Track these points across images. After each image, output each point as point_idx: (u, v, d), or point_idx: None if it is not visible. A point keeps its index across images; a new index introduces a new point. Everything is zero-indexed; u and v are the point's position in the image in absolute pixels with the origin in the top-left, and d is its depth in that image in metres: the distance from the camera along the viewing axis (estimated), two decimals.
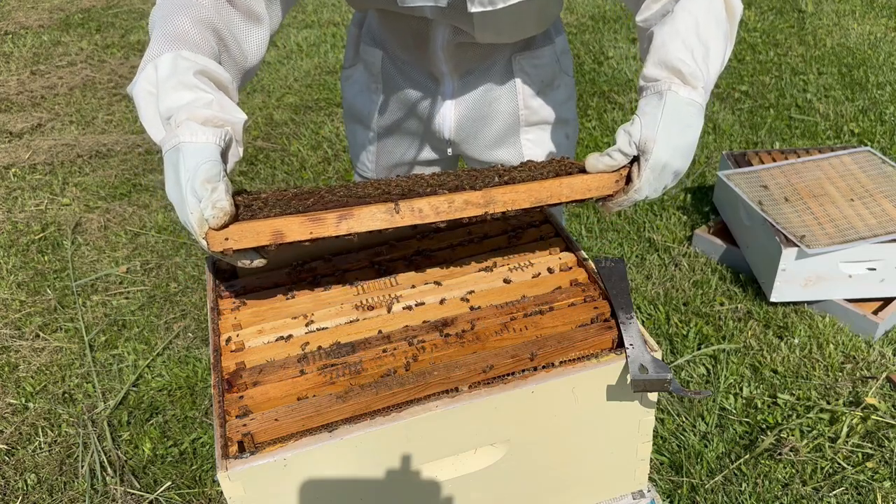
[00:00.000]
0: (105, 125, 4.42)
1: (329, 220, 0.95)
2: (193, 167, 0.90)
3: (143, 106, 0.99)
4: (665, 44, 1.03)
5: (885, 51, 4.74)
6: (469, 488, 1.02)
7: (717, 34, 1.06)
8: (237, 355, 1.02)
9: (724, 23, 1.09)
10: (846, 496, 2.03)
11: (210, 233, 0.92)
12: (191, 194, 0.90)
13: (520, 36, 1.41)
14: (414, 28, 1.39)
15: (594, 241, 3.18)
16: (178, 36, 1.02)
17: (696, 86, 1.01)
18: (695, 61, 1.02)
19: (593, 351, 1.01)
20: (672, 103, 1.00)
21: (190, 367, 2.59)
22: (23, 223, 3.49)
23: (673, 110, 1.00)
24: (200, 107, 0.95)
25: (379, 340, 1.02)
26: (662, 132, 0.99)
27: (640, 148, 1.01)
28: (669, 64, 1.02)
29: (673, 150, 1.00)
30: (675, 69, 1.01)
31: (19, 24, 5.86)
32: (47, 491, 2.19)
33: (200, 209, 0.90)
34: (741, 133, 3.96)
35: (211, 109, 0.96)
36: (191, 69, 0.98)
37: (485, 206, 1.00)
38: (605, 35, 5.27)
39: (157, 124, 0.98)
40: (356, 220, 0.95)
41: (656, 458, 2.17)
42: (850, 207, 2.69)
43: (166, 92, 0.96)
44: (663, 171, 1.01)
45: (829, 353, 2.48)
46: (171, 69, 0.97)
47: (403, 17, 1.36)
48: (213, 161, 0.92)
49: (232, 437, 0.88)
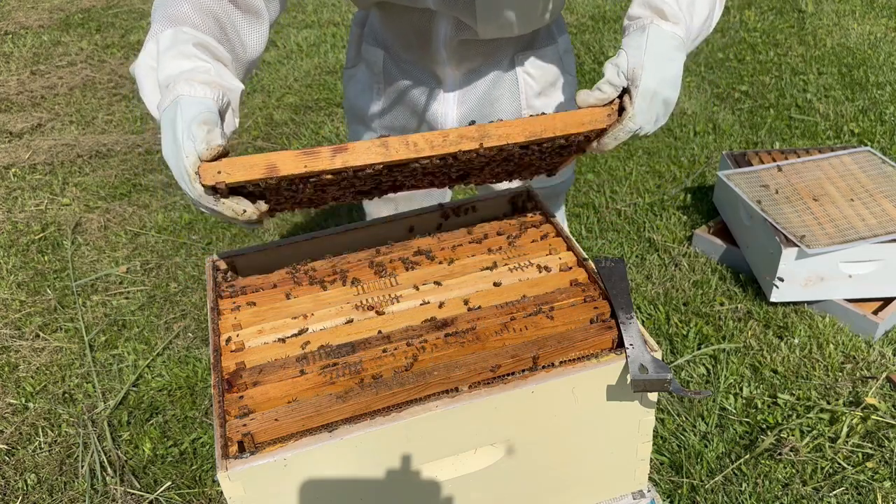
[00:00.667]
0: (105, 125, 4.42)
1: (324, 154, 0.94)
2: (190, 116, 0.90)
3: (143, 80, 1.00)
4: None
5: (885, 51, 4.74)
6: (469, 488, 1.02)
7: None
8: (237, 355, 1.02)
9: None
10: (846, 496, 2.03)
11: (203, 166, 0.90)
12: (187, 138, 0.90)
13: (523, 29, 1.39)
14: (416, 24, 1.38)
15: (594, 241, 3.18)
16: (180, 17, 1.04)
17: (677, 23, 1.06)
18: (678, 4, 1.07)
19: (593, 351, 1.01)
20: (655, 36, 1.05)
21: (190, 367, 2.59)
22: (23, 223, 3.49)
23: (657, 41, 1.04)
24: (199, 73, 0.96)
25: (379, 340, 1.02)
26: (649, 61, 1.03)
27: (629, 77, 1.03)
28: (653, 4, 1.07)
29: (661, 79, 1.03)
30: (658, 9, 1.07)
31: (19, 24, 5.86)
32: (47, 491, 2.19)
33: (196, 151, 0.90)
34: (741, 133, 3.96)
35: (209, 76, 0.97)
36: (190, 41, 1.00)
37: (479, 140, 0.99)
38: (605, 35, 5.27)
39: (156, 95, 0.99)
40: (351, 153, 0.95)
41: (656, 458, 2.18)
42: (850, 207, 2.69)
43: (166, 62, 0.97)
44: (654, 99, 1.04)
45: (829, 353, 2.48)
46: (172, 41, 0.99)
47: (406, 13, 1.36)
48: (211, 112, 0.92)
49: (232, 437, 0.88)
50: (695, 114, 4.17)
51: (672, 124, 4.08)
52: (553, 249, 1.21)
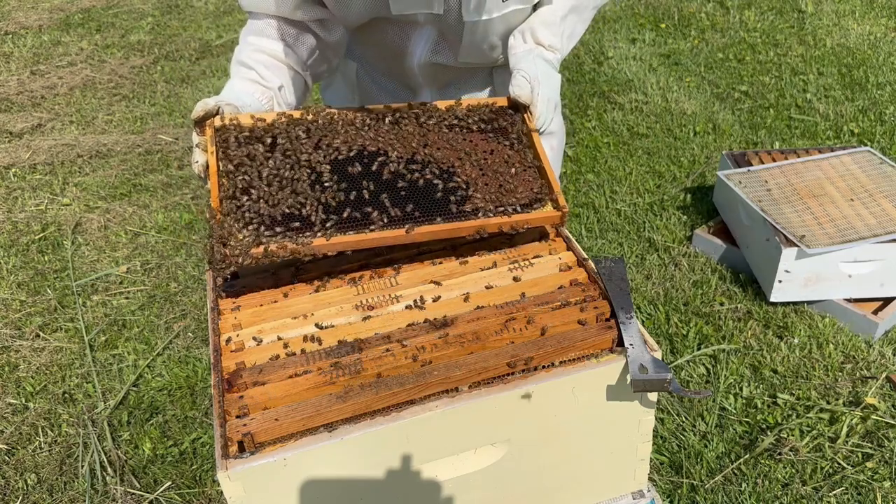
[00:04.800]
0: (105, 125, 4.42)
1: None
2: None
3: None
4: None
5: (885, 51, 4.74)
6: (469, 488, 1.02)
7: None
8: (237, 355, 1.02)
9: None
10: (846, 496, 2.03)
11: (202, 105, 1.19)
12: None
13: (502, 56, 1.46)
14: (392, 44, 1.43)
15: (594, 241, 3.18)
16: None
17: (555, 52, 1.38)
18: (560, 38, 1.38)
19: (593, 351, 1.01)
20: (542, 59, 1.36)
21: (190, 367, 2.59)
22: (23, 223, 3.49)
23: (544, 63, 1.35)
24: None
25: (379, 340, 1.02)
26: (542, 76, 1.31)
27: (531, 84, 1.29)
28: (537, 38, 1.37)
29: (551, 87, 1.33)
30: (540, 42, 1.38)
31: (19, 24, 5.86)
32: (47, 491, 2.19)
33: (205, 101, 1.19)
34: (741, 133, 3.96)
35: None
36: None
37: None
38: (605, 35, 5.27)
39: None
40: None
41: (656, 458, 2.18)
42: (850, 207, 2.69)
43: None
44: (549, 102, 1.30)
45: (829, 353, 2.48)
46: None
47: (384, 32, 1.39)
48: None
49: (232, 437, 0.88)
50: (695, 114, 4.17)
51: (672, 124, 4.08)
52: (553, 249, 1.21)
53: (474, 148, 1.24)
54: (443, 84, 1.53)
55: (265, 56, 1.32)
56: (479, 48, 1.42)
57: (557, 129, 1.70)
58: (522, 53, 1.36)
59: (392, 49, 1.44)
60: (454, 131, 1.26)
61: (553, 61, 1.38)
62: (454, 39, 1.39)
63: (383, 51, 1.47)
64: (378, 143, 1.21)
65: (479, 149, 1.24)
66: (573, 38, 1.45)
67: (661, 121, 4.13)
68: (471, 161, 1.21)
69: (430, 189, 1.16)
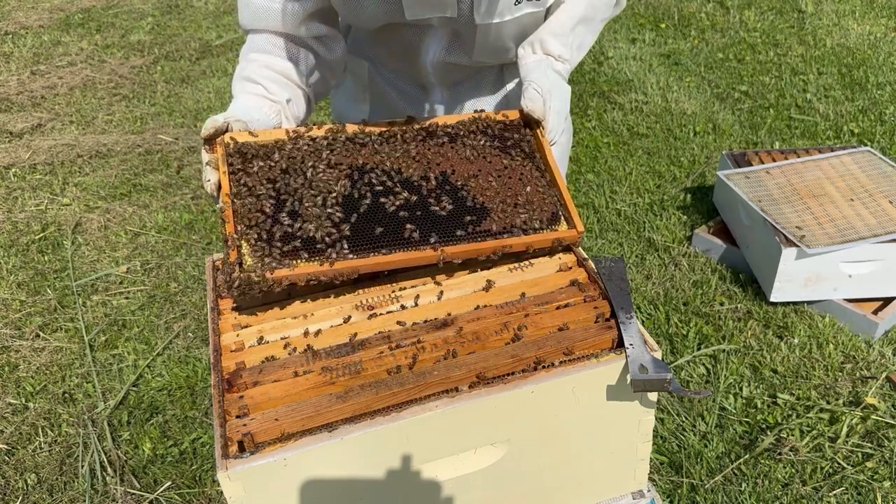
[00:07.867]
0: (105, 125, 4.42)
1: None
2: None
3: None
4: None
5: (885, 51, 4.74)
6: (469, 488, 1.02)
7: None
8: (237, 355, 1.02)
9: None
10: (846, 496, 2.03)
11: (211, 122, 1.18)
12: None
13: (513, 54, 1.46)
14: (405, 43, 1.42)
15: (594, 241, 3.18)
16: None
17: (564, 63, 1.39)
18: (569, 48, 1.38)
19: (593, 351, 1.01)
20: (553, 69, 1.37)
21: (190, 367, 2.59)
22: (23, 223, 3.49)
23: (554, 74, 1.36)
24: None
25: (379, 340, 1.02)
26: (554, 89, 1.30)
27: (544, 97, 1.29)
28: (546, 49, 1.38)
29: (562, 100, 1.33)
30: (550, 52, 1.38)
31: (19, 24, 5.86)
32: (47, 491, 2.19)
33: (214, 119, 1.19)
34: (741, 133, 3.96)
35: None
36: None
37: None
38: (606, 35, 5.27)
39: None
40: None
41: (656, 458, 2.18)
42: (850, 207, 2.69)
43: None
44: (559, 114, 1.30)
45: (829, 353, 2.48)
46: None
47: (398, 33, 1.39)
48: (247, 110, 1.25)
49: (232, 437, 0.88)
50: (695, 114, 4.17)
51: (672, 124, 4.08)
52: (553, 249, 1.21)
53: (489, 165, 1.23)
54: (454, 82, 1.52)
55: (270, 72, 1.32)
56: (493, 49, 1.42)
57: (565, 126, 1.72)
58: (533, 64, 1.36)
59: (406, 49, 1.44)
60: (467, 147, 1.26)
61: (563, 72, 1.39)
62: (468, 41, 1.39)
63: (397, 50, 1.46)
64: (393, 161, 1.20)
65: (493, 165, 1.23)
66: (582, 49, 1.45)
67: (661, 121, 4.13)
68: (487, 179, 1.20)
69: (449, 209, 1.15)
